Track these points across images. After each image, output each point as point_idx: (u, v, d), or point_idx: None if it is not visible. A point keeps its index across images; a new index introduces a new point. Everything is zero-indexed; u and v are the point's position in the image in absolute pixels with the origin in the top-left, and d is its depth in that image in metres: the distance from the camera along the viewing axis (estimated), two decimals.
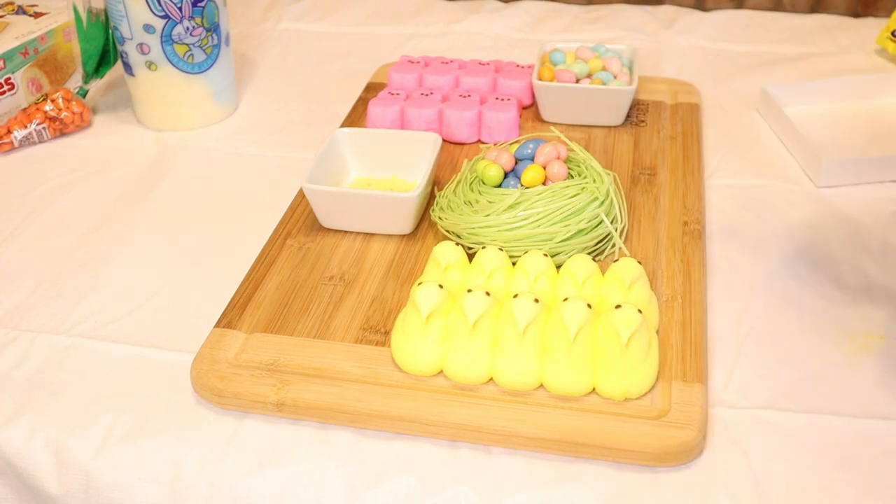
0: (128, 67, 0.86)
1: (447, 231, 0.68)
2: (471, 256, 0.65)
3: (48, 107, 0.86)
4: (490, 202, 0.67)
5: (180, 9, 0.81)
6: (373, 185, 0.76)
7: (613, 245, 0.67)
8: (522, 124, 0.86)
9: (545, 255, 0.62)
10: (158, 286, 0.67)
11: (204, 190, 0.80)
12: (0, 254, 0.72)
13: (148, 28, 0.82)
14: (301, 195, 0.75)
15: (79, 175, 0.82)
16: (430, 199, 0.73)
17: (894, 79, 0.91)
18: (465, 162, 0.73)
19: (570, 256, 0.64)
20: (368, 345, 0.59)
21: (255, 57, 1.05)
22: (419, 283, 0.58)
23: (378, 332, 0.61)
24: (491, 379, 0.56)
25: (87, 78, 0.91)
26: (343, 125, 0.86)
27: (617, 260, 0.64)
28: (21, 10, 0.96)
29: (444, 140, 0.81)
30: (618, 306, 0.55)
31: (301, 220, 0.72)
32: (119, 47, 0.85)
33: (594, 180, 0.68)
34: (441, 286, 0.57)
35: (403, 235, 0.70)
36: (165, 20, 0.81)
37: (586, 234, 0.66)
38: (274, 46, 1.08)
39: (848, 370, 0.58)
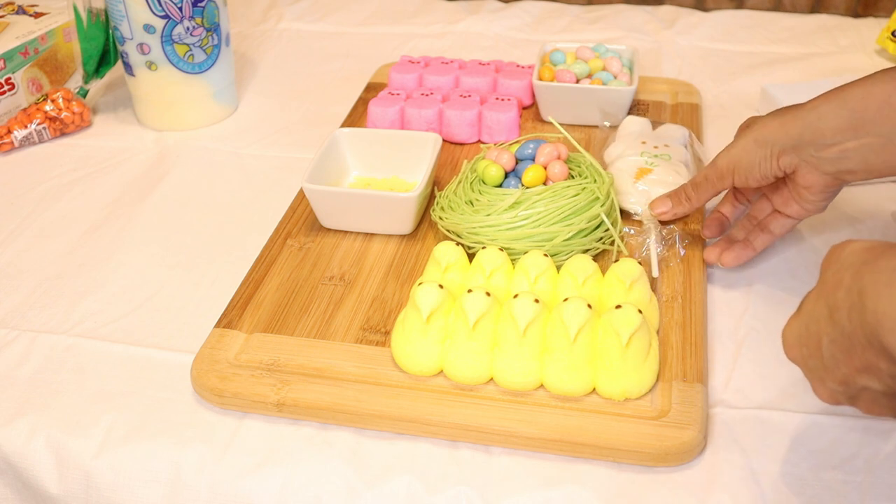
0: (128, 67, 0.86)
1: (447, 231, 0.68)
2: (471, 256, 0.65)
3: (48, 107, 0.86)
4: (490, 202, 0.67)
5: (180, 9, 0.81)
6: (373, 185, 0.76)
7: (613, 245, 0.67)
8: (522, 124, 0.86)
9: (545, 255, 0.62)
10: (158, 286, 0.67)
11: (204, 190, 0.80)
12: (0, 254, 0.72)
13: (148, 28, 0.82)
14: (301, 195, 0.75)
15: (79, 175, 0.82)
16: (430, 199, 0.73)
17: None
18: (465, 162, 0.73)
19: (570, 256, 0.64)
20: (368, 345, 0.59)
21: (255, 57, 1.05)
22: (419, 284, 0.58)
23: (378, 332, 0.61)
24: (491, 379, 0.56)
25: (88, 78, 0.91)
26: (343, 125, 0.86)
27: (617, 260, 0.64)
28: (21, 10, 0.96)
29: (444, 140, 0.81)
30: (618, 306, 0.55)
31: (301, 220, 0.72)
32: (119, 47, 0.85)
33: (595, 180, 0.68)
34: (441, 286, 0.57)
35: (403, 235, 0.70)
36: (166, 20, 0.81)
37: (587, 234, 0.66)
38: (274, 46, 1.08)
39: None
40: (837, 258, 0.43)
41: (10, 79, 0.89)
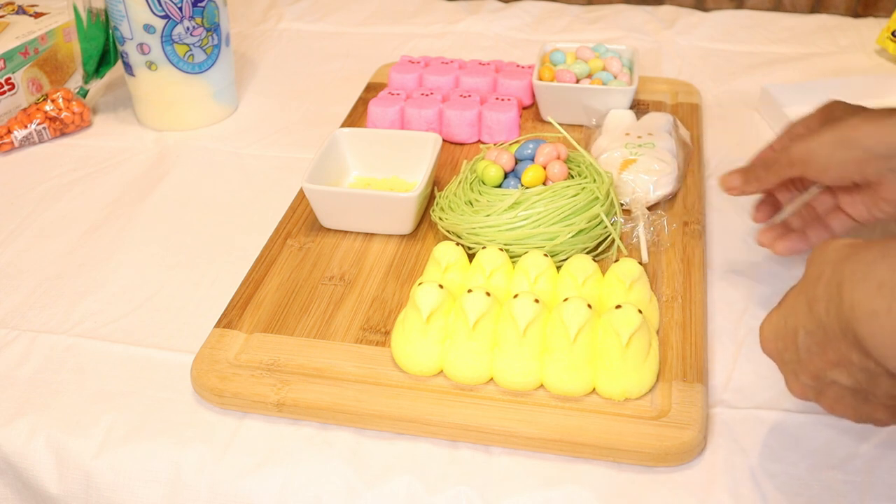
0: (128, 67, 0.86)
1: (447, 231, 0.68)
2: (471, 256, 0.65)
3: (48, 107, 0.86)
4: (490, 202, 0.67)
5: (180, 9, 0.81)
6: (373, 185, 0.76)
7: (613, 244, 0.67)
8: (522, 124, 0.86)
9: (545, 255, 0.62)
10: (158, 286, 0.67)
11: (204, 190, 0.80)
12: (0, 254, 0.72)
13: (148, 28, 0.82)
14: (301, 195, 0.75)
15: (79, 175, 0.82)
16: (430, 199, 0.73)
17: (894, 79, 0.91)
18: (465, 163, 0.73)
19: (570, 256, 0.64)
20: (368, 345, 0.59)
21: (255, 57, 1.05)
22: (419, 284, 0.58)
23: (378, 332, 0.61)
24: (491, 379, 0.56)
25: (88, 78, 0.91)
26: (343, 125, 0.86)
27: (617, 260, 0.64)
28: (21, 10, 0.96)
29: (444, 140, 0.81)
30: (618, 306, 0.55)
31: (301, 220, 0.72)
32: (119, 47, 0.85)
33: (594, 180, 0.68)
34: (441, 286, 0.57)
35: (403, 235, 0.70)
36: (166, 20, 0.81)
37: (586, 234, 0.66)
38: (274, 46, 1.08)
39: None
40: (821, 254, 0.44)
41: (10, 79, 0.89)
